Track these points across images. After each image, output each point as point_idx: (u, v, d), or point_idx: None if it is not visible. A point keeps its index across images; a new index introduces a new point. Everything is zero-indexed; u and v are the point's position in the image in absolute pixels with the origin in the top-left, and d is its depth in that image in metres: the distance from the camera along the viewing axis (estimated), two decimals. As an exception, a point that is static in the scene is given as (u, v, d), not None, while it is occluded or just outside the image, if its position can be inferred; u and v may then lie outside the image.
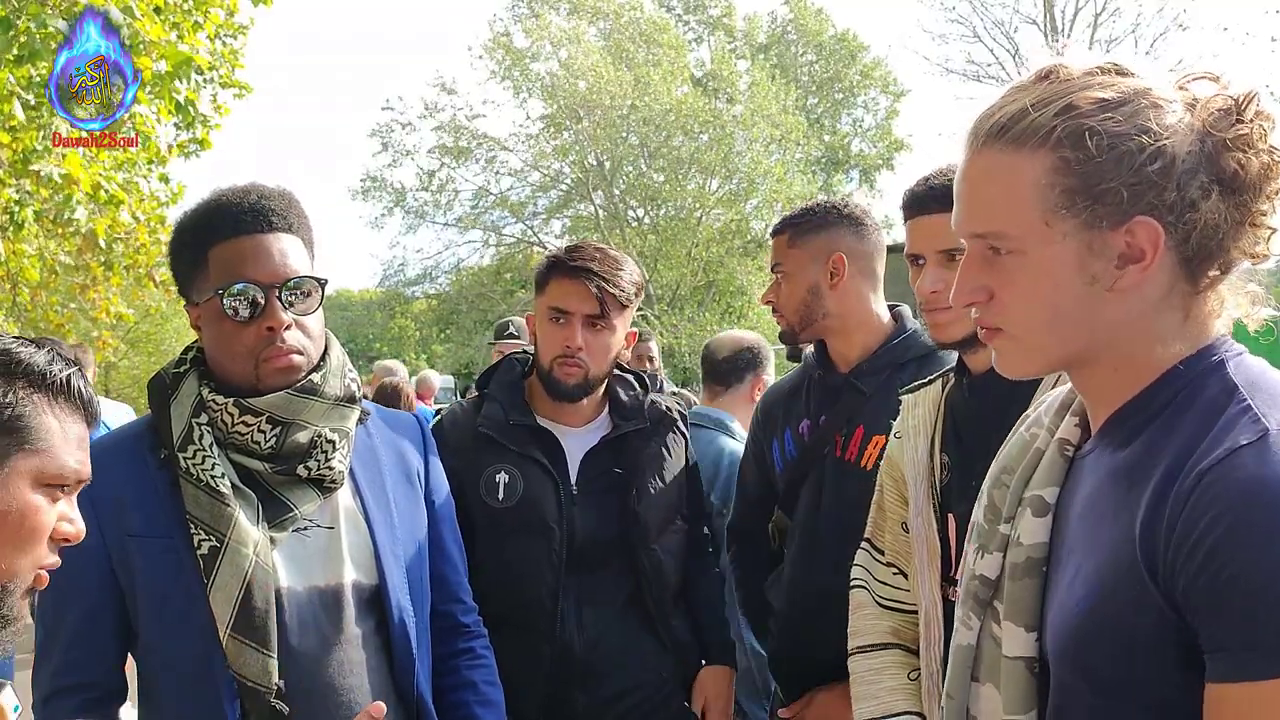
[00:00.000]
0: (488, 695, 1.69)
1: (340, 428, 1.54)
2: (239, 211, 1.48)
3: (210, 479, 1.43)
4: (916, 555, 1.65)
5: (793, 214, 2.13)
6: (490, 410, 2.03)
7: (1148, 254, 0.93)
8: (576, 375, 2.00)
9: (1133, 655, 0.90)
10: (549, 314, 2.02)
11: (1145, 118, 0.92)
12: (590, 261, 1.99)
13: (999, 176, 0.96)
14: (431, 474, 1.71)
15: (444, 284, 30.87)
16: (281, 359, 1.47)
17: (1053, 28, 27.08)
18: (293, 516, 1.48)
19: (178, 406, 1.49)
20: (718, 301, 28.11)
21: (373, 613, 1.54)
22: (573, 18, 28.11)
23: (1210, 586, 0.83)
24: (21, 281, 7.22)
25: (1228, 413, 0.89)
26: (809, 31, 32.07)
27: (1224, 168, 0.92)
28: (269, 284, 1.46)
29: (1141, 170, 0.91)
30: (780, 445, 2.16)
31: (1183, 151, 0.91)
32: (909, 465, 1.68)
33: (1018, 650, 1.00)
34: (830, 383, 2.10)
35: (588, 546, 1.99)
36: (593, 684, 1.98)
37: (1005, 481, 1.10)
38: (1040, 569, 1.01)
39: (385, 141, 28.84)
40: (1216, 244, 0.94)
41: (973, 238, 1.00)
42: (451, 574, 1.72)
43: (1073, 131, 0.92)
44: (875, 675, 1.66)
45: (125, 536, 1.43)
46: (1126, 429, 0.98)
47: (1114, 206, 0.92)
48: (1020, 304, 0.97)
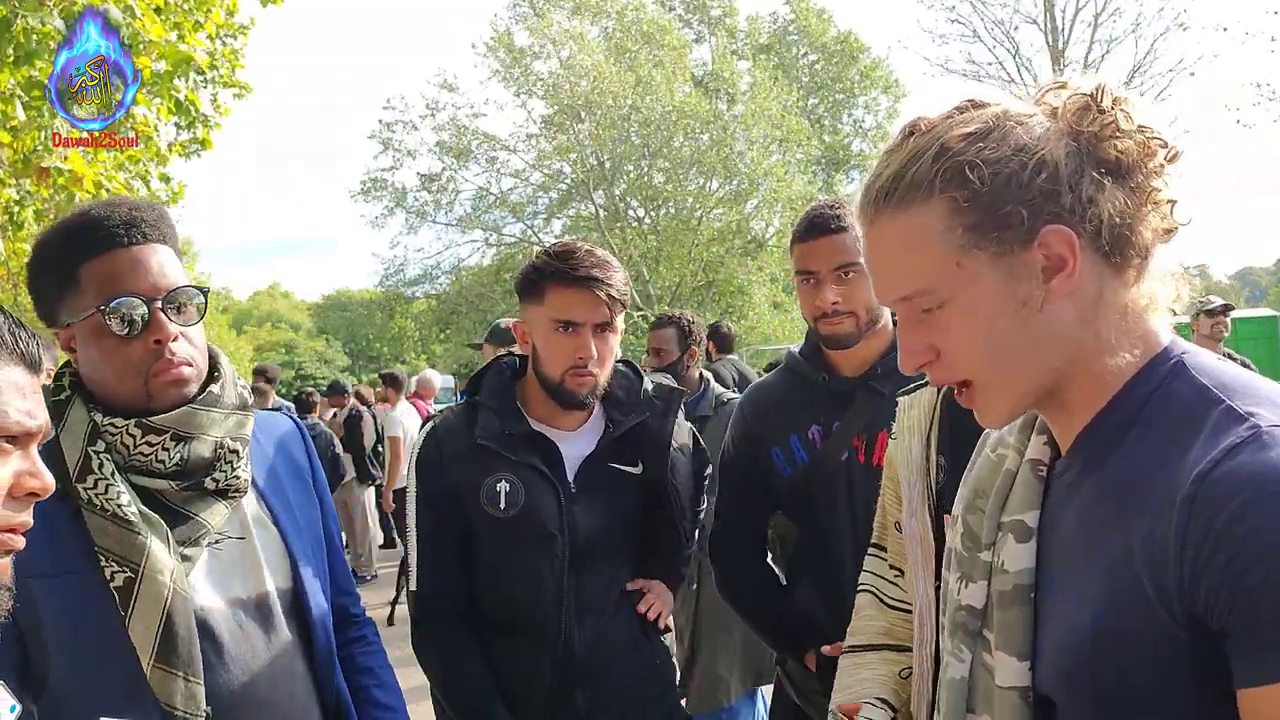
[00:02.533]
0: (385, 679, 1.73)
1: (240, 435, 1.52)
2: (111, 225, 1.43)
3: (116, 508, 1.38)
4: (910, 554, 1.65)
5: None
6: (485, 420, 2.01)
7: (1068, 259, 0.94)
8: (589, 384, 1.98)
9: (1144, 675, 0.88)
10: (554, 325, 1.96)
11: (1015, 137, 0.94)
12: (593, 268, 1.95)
13: (900, 238, 0.98)
14: (315, 470, 1.72)
15: (444, 284, 30.86)
16: (172, 371, 1.43)
17: (1053, 27, 27.07)
18: (204, 531, 1.46)
19: (68, 436, 1.42)
20: (718, 301, 28.08)
21: (294, 615, 1.54)
22: (574, 17, 28.10)
23: (1239, 587, 0.81)
24: (22, 281, 7.22)
25: (1211, 415, 0.89)
26: (811, 33, 32.07)
27: (1105, 157, 0.94)
28: (151, 296, 1.42)
29: (1031, 185, 0.93)
30: (785, 451, 2.13)
31: (1061, 155, 0.93)
32: (903, 465, 1.69)
33: (1010, 680, 0.99)
34: (839, 387, 2.09)
35: (588, 547, 1.99)
36: (592, 683, 1.98)
37: (980, 506, 1.09)
38: (1029, 596, 0.99)
39: (386, 141, 28.85)
40: (1128, 229, 0.95)
41: (898, 303, 1.01)
42: (339, 567, 1.73)
43: (953, 172, 0.94)
44: (854, 669, 1.66)
45: (29, 579, 1.31)
46: (1101, 444, 0.97)
47: (1018, 228, 0.93)
48: (964, 350, 0.98)
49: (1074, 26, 27.03)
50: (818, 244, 2.03)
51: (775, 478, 2.14)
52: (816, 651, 2.03)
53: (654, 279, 26.23)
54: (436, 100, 28.40)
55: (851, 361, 2.08)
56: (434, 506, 1.99)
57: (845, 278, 2.02)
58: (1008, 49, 27.64)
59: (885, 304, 1.03)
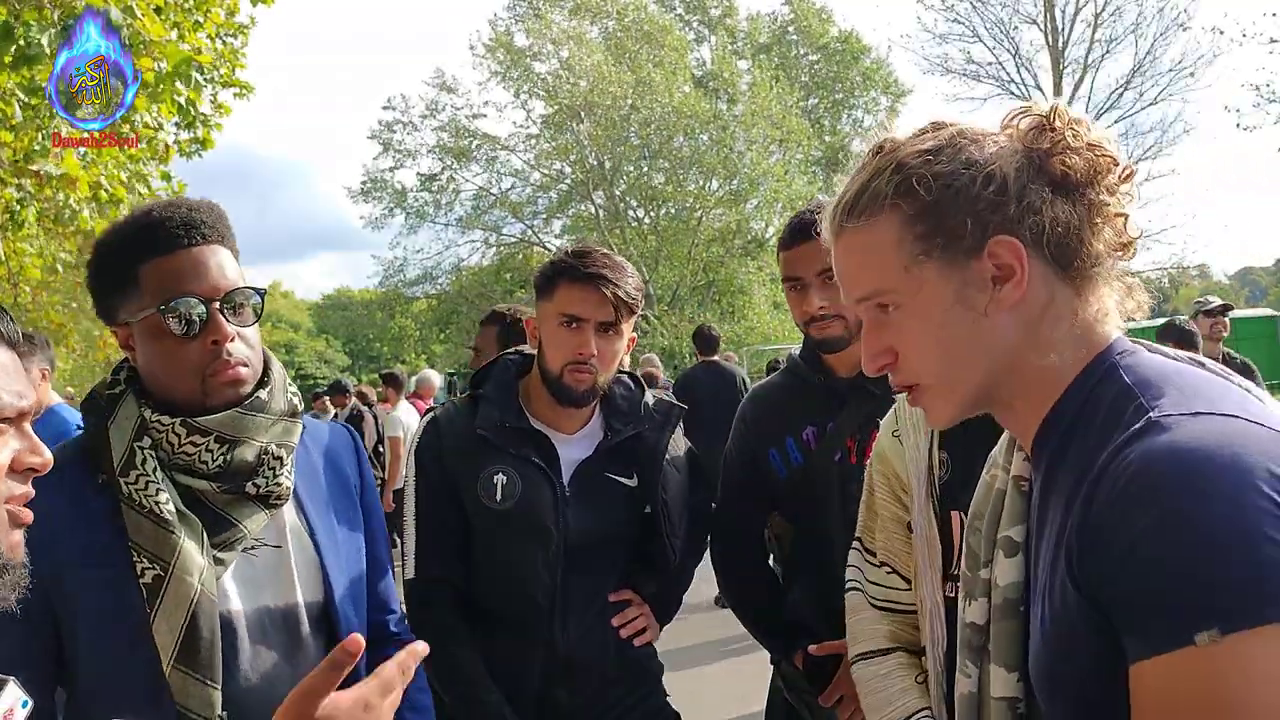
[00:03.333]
0: (417, 701, 1.70)
1: (285, 443, 1.52)
2: (171, 226, 1.44)
3: (154, 505, 1.39)
4: (919, 554, 1.65)
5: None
6: (486, 412, 2.03)
7: (1016, 268, 0.98)
8: (587, 382, 1.99)
9: (1099, 674, 0.89)
10: (560, 320, 2.00)
11: (967, 153, 1.00)
12: (603, 268, 1.98)
13: (860, 248, 1.05)
14: (365, 484, 1.70)
15: (444, 284, 30.89)
16: (229, 372, 1.44)
17: (1053, 28, 27.09)
18: (241, 536, 1.46)
19: (117, 430, 1.44)
20: (718, 301, 28.12)
21: (322, 630, 1.53)
22: (574, 17, 28.12)
23: (1110, 570, 0.85)
24: (22, 281, 7.23)
25: (1126, 412, 0.92)
26: (812, 33, 32.09)
27: (1053, 172, 0.99)
28: (210, 297, 1.43)
29: (980, 197, 0.98)
30: (781, 453, 2.13)
31: (1011, 170, 0.99)
32: (911, 463, 1.69)
33: (1001, 691, 1.03)
34: (834, 388, 2.09)
35: (580, 548, 2.00)
36: (575, 681, 2.00)
37: (977, 527, 1.14)
38: (1018, 609, 1.03)
39: (386, 142, 28.88)
40: (1075, 240, 0.99)
41: (859, 304, 1.07)
42: (383, 585, 1.71)
43: (905, 185, 1.00)
44: (883, 681, 1.66)
45: (62, 565, 1.36)
46: (1049, 449, 1.01)
47: (967, 238, 0.99)
48: (916, 352, 1.03)
49: (1074, 26, 27.07)
50: (802, 249, 2.04)
51: (772, 479, 2.15)
52: (804, 650, 2.04)
53: (654, 279, 26.25)
54: (436, 101, 28.44)
55: (845, 363, 2.09)
56: (432, 495, 2.01)
57: (830, 282, 2.02)
58: (1008, 49, 27.69)
59: (851, 305, 1.09)
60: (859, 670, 1.72)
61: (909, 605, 1.72)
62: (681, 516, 2.13)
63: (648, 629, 2.12)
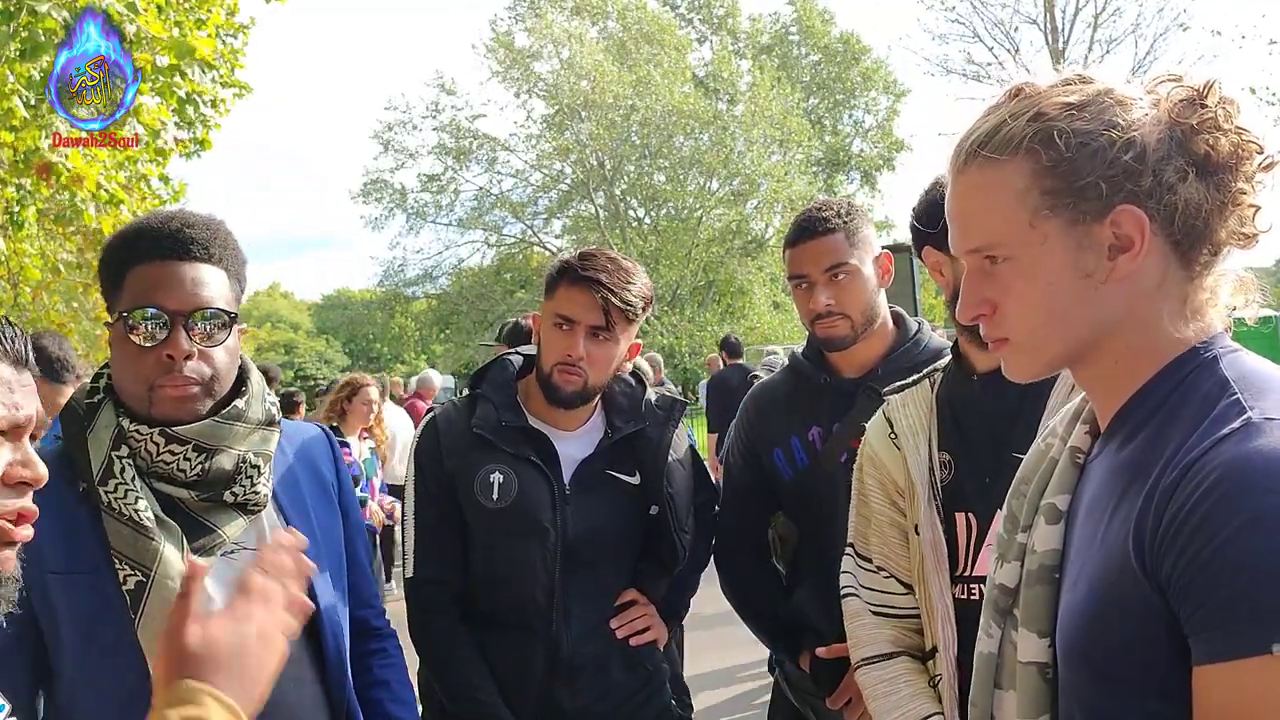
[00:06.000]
0: (400, 694, 1.72)
1: (263, 450, 1.53)
2: (159, 236, 1.47)
3: (134, 513, 1.40)
4: (925, 558, 1.64)
5: (841, 211, 2.09)
6: (483, 411, 2.03)
7: (1136, 241, 0.95)
8: (575, 384, 1.99)
9: (1133, 651, 0.90)
10: (554, 320, 2.00)
11: (1112, 114, 0.96)
12: (600, 272, 1.97)
13: (982, 191, 1.01)
14: (343, 484, 1.72)
15: (444, 284, 30.89)
16: (176, 389, 1.44)
17: (1053, 27, 27.10)
18: (220, 541, 1.47)
19: (95, 439, 1.45)
20: (718, 301, 28.13)
21: (305, 630, 1.52)
22: (574, 17, 28.12)
23: (1190, 567, 0.84)
24: (23, 281, 7.21)
25: (1218, 407, 0.91)
26: (814, 33, 32.09)
27: (1195, 151, 0.96)
28: (176, 311, 1.44)
29: (1116, 161, 0.94)
30: (786, 453, 2.12)
31: (1153, 140, 0.95)
32: (912, 467, 1.68)
33: (1030, 655, 1.02)
34: (841, 388, 2.08)
35: (580, 546, 2.00)
36: (577, 682, 1.99)
37: (1023, 491, 1.13)
38: (1053, 575, 1.02)
39: (386, 142, 28.88)
40: (1203, 224, 0.96)
41: (969, 254, 1.04)
42: (363, 583, 1.73)
43: (1043, 135, 0.96)
44: (890, 685, 1.66)
45: (46, 574, 1.37)
46: (1128, 427, 0.99)
47: (1095, 200, 0.95)
48: (1019, 309, 1.01)
49: (1074, 26, 27.08)
50: (807, 247, 2.04)
51: (776, 479, 2.14)
52: (810, 652, 2.03)
53: (654, 279, 26.19)
54: (436, 102, 28.44)
55: (852, 363, 2.08)
56: (431, 495, 2.01)
57: (836, 279, 2.03)
58: (1008, 49, 27.69)
59: (957, 254, 1.06)
60: (864, 675, 1.71)
61: (907, 610, 1.71)
62: (689, 512, 2.12)
63: (650, 629, 2.12)
